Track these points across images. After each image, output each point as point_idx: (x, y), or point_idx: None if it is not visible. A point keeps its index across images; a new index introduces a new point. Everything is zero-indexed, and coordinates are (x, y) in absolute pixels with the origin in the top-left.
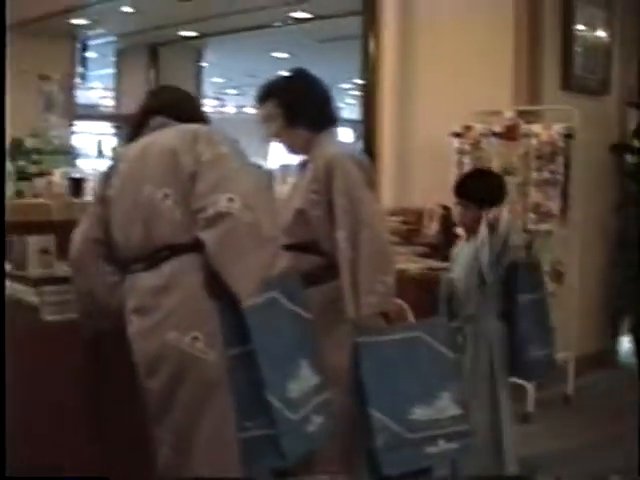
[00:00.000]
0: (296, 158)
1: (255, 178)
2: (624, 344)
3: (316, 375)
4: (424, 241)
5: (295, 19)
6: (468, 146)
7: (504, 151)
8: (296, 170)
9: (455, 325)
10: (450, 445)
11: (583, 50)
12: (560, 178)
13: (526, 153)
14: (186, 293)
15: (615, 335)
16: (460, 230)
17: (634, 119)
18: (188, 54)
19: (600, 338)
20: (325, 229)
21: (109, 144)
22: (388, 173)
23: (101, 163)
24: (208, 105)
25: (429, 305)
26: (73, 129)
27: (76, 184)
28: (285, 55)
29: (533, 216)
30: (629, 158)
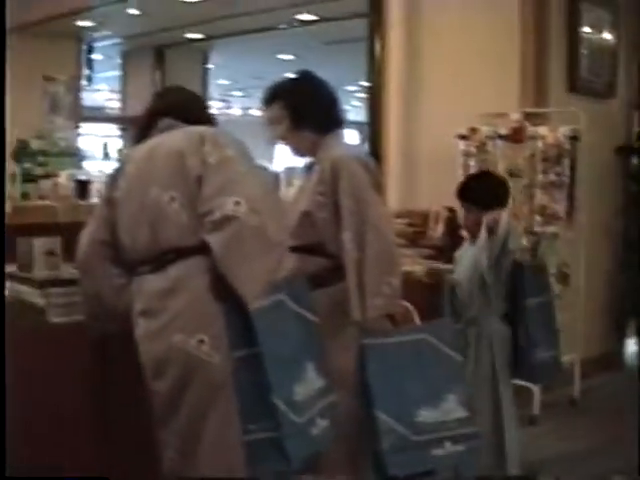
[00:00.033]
0: (302, 160)
1: (262, 181)
2: (630, 346)
3: (321, 378)
4: (430, 243)
5: (301, 21)
6: (474, 148)
7: (510, 153)
8: (302, 172)
9: (458, 327)
10: (456, 447)
11: (589, 52)
12: (566, 180)
13: (532, 155)
14: (192, 296)
15: (621, 337)
16: (465, 232)
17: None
18: (194, 56)
19: (606, 340)
20: (331, 231)
21: (115, 146)
22: (394, 175)
23: (107, 165)
24: (214, 107)
25: (435, 307)
26: (79, 131)
27: (82, 186)
28: (291, 57)
29: (539, 218)
30: (634, 160)
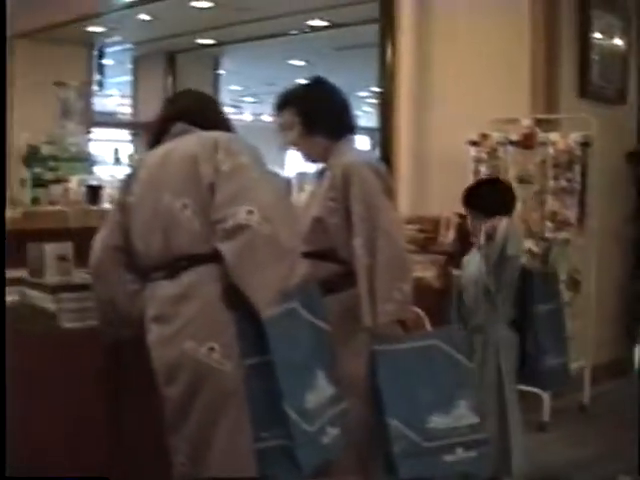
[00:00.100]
0: (313, 166)
1: (274, 187)
2: None
3: (332, 386)
4: (440, 249)
5: (312, 27)
6: (485, 154)
7: (521, 159)
8: (313, 178)
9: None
10: (468, 453)
11: (600, 58)
12: (577, 186)
13: (543, 161)
14: (204, 303)
15: (631, 344)
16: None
17: None
18: (205, 62)
19: (616, 347)
20: (343, 237)
21: (126, 151)
22: (405, 181)
23: (118, 170)
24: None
25: (446, 313)
26: (90, 136)
27: (93, 191)
28: (302, 63)
29: (550, 224)
30: None
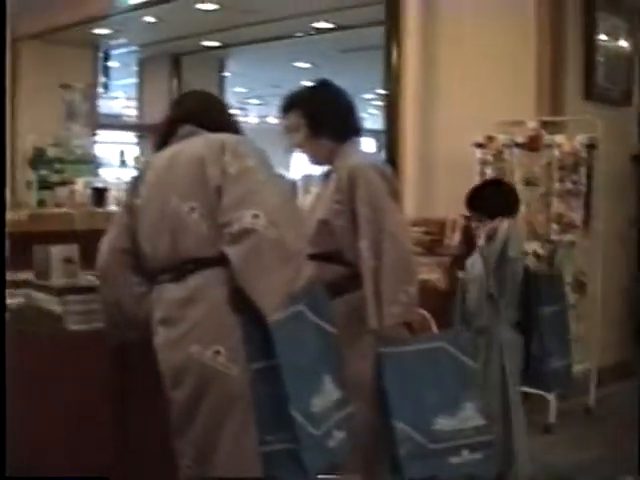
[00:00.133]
0: (319, 168)
1: (281, 190)
2: None
3: (338, 390)
4: (446, 251)
5: (317, 29)
6: (490, 156)
7: (526, 162)
8: (319, 180)
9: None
10: (474, 456)
11: (605, 60)
12: (583, 189)
13: (549, 164)
14: (210, 306)
15: (637, 346)
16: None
17: None
18: (211, 64)
19: (622, 349)
20: (349, 239)
21: (131, 154)
22: (410, 183)
23: (123, 173)
24: None
25: (451, 315)
26: (95, 138)
27: (99, 194)
28: (307, 65)
29: (556, 227)
30: None
